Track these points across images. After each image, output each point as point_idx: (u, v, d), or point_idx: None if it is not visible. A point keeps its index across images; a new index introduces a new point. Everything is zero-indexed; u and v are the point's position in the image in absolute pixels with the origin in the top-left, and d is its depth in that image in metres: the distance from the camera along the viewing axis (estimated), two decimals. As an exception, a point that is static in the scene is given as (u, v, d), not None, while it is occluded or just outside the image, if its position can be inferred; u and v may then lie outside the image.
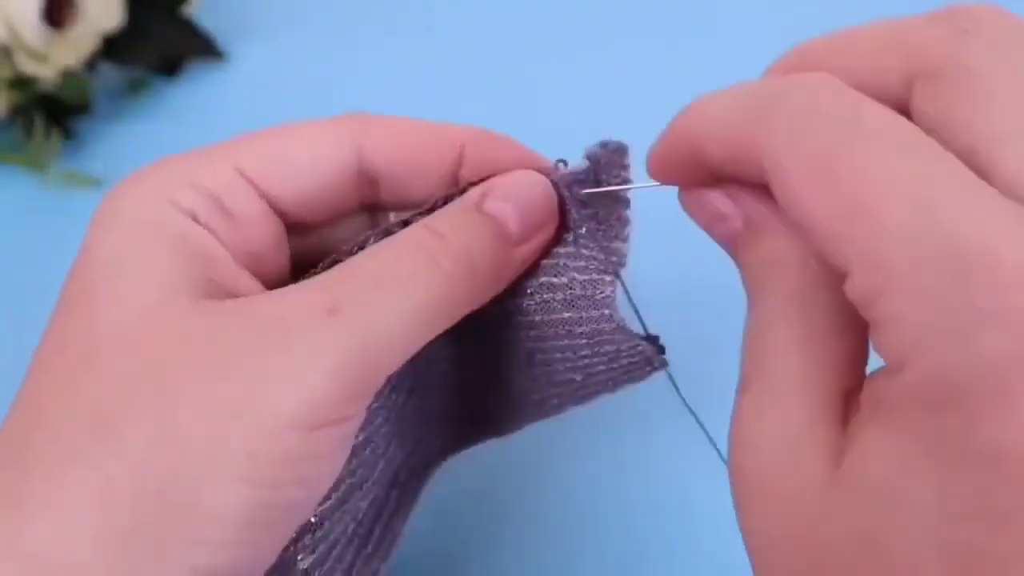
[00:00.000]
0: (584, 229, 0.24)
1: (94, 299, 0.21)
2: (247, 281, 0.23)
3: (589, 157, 0.24)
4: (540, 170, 0.24)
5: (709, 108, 0.20)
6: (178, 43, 0.49)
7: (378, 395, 0.23)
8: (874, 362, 0.18)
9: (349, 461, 0.23)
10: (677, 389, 0.25)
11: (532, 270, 0.24)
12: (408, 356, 0.21)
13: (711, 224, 0.22)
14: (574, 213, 0.24)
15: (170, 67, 0.49)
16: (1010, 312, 0.15)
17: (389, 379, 0.22)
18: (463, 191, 0.24)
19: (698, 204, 0.22)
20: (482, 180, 0.24)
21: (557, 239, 0.24)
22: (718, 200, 0.21)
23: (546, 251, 0.24)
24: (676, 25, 0.53)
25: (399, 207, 0.25)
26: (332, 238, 0.25)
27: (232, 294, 0.22)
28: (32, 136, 0.44)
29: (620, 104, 0.48)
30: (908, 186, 0.16)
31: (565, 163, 0.24)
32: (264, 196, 0.24)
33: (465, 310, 0.22)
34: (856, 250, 0.16)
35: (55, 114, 0.45)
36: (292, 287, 0.21)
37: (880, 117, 0.17)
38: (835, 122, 0.17)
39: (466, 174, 0.25)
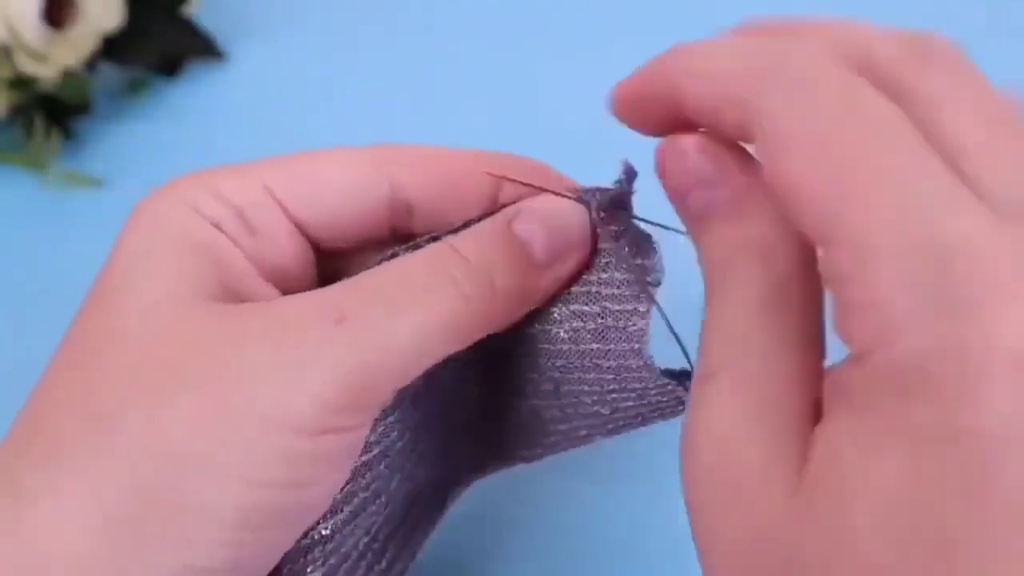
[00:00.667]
0: (616, 255, 0.23)
1: (110, 296, 0.22)
2: (265, 290, 0.23)
3: (623, 180, 0.23)
4: (573, 196, 0.23)
5: (700, 54, 0.20)
6: (178, 43, 0.49)
7: (393, 408, 0.23)
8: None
9: (363, 474, 0.23)
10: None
11: (563, 296, 0.24)
12: (418, 372, 0.21)
13: (688, 188, 0.20)
14: (608, 239, 0.23)
15: (170, 67, 0.49)
16: (990, 302, 0.15)
17: (401, 393, 0.22)
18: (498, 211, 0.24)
19: (680, 160, 0.20)
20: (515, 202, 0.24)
21: (587, 267, 0.24)
22: (705, 162, 0.20)
23: (575, 279, 0.24)
24: (675, 25, 0.53)
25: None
26: (365, 264, 0.25)
27: (249, 301, 0.22)
28: (32, 136, 0.44)
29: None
30: (900, 175, 0.16)
31: (599, 190, 0.23)
32: (291, 216, 0.24)
33: (481, 332, 0.22)
34: (842, 229, 0.16)
35: (55, 114, 0.45)
36: (304, 294, 0.21)
37: (877, 103, 0.17)
38: (836, 101, 0.17)
39: (506, 200, 0.24)
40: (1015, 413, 0.14)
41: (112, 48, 0.46)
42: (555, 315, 0.24)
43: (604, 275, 0.23)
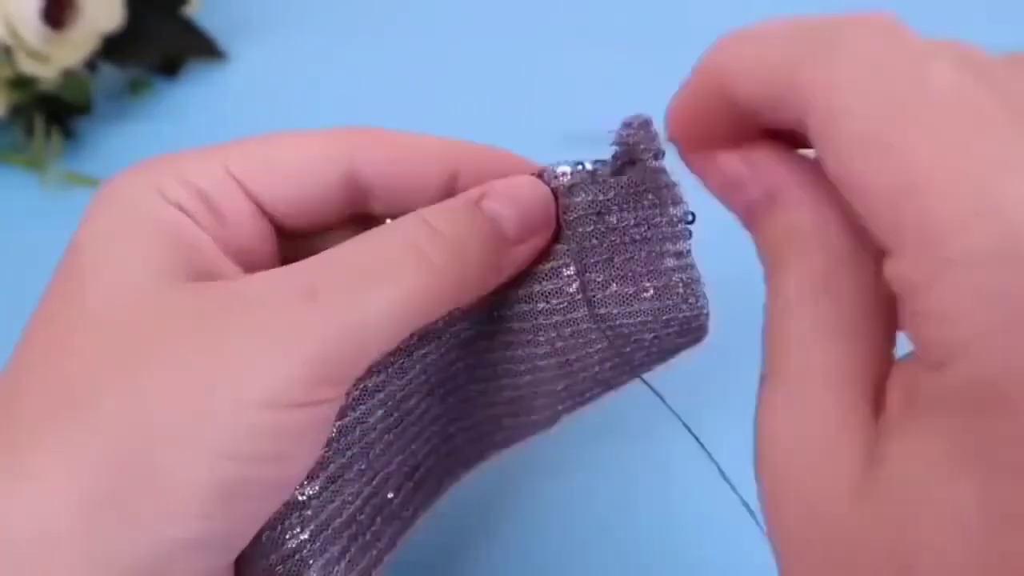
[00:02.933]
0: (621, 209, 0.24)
1: (77, 278, 0.22)
2: (233, 271, 0.23)
3: (618, 143, 0.24)
4: (537, 175, 0.24)
5: (746, 42, 0.18)
6: (178, 43, 0.49)
7: (369, 378, 0.23)
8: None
9: (337, 440, 0.23)
10: (667, 405, 0.25)
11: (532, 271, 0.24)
12: (391, 345, 0.21)
13: (726, 192, 0.20)
14: (590, 198, 0.24)
15: (170, 67, 0.50)
16: None
17: (377, 366, 0.22)
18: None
19: (711, 168, 0.21)
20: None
21: (550, 245, 0.24)
22: (734, 164, 0.20)
23: (542, 256, 0.24)
24: (676, 26, 0.53)
25: (392, 216, 0.25)
26: (325, 246, 0.26)
27: (216, 280, 0.22)
28: (32, 136, 0.44)
29: (621, 102, 0.48)
30: (978, 168, 0.15)
31: (583, 165, 0.24)
32: (252, 197, 0.24)
33: (451, 305, 0.22)
34: (911, 231, 0.15)
35: (55, 114, 0.45)
36: (274, 270, 0.21)
37: (949, 79, 0.15)
38: (902, 80, 0.16)
39: (465, 186, 0.24)
40: None
41: (112, 48, 0.46)
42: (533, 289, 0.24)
43: (568, 246, 0.24)
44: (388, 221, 0.25)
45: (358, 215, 0.25)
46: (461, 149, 0.25)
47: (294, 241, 0.25)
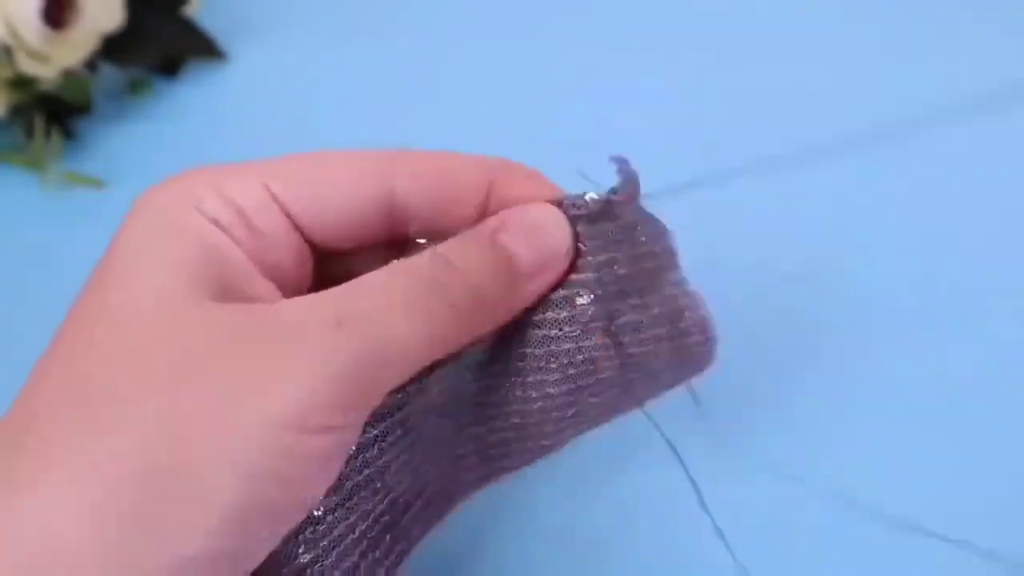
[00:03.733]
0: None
1: (107, 289, 0.22)
2: (264, 288, 0.23)
3: (623, 176, 0.25)
4: (557, 204, 0.24)
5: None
6: (178, 43, 0.49)
7: (390, 396, 0.23)
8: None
9: (355, 458, 0.23)
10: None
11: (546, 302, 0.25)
12: (408, 376, 0.22)
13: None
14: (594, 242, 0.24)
15: (170, 67, 0.50)
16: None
17: (399, 397, 0.22)
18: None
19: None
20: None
21: (568, 274, 0.24)
22: None
23: (558, 284, 0.25)
24: (675, 26, 0.53)
25: (430, 238, 0.26)
26: (360, 267, 0.26)
27: (247, 299, 0.22)
28: (32, 136, 0.44)
29: (620, 102, 0.48)
30: None
31: (596, 194, 0.24)
32: (291, 218, 0.24)
33: (468, 339, 0.23)
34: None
35: (55, 114, 0.45)
36: (304, 297, 0.22)
37: None
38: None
39: (493, 209, 0.25)
40: None
41: (112, 48, 0.46)
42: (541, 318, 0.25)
43: (589, 275, 0.24)
44: (420, 241, 0.26)
45: (396, 236, 0.26)
46: (495, 168, 0.25)
47: (329, 259, 0.25)
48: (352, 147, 0.26)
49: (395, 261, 0.23)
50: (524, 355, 0.26)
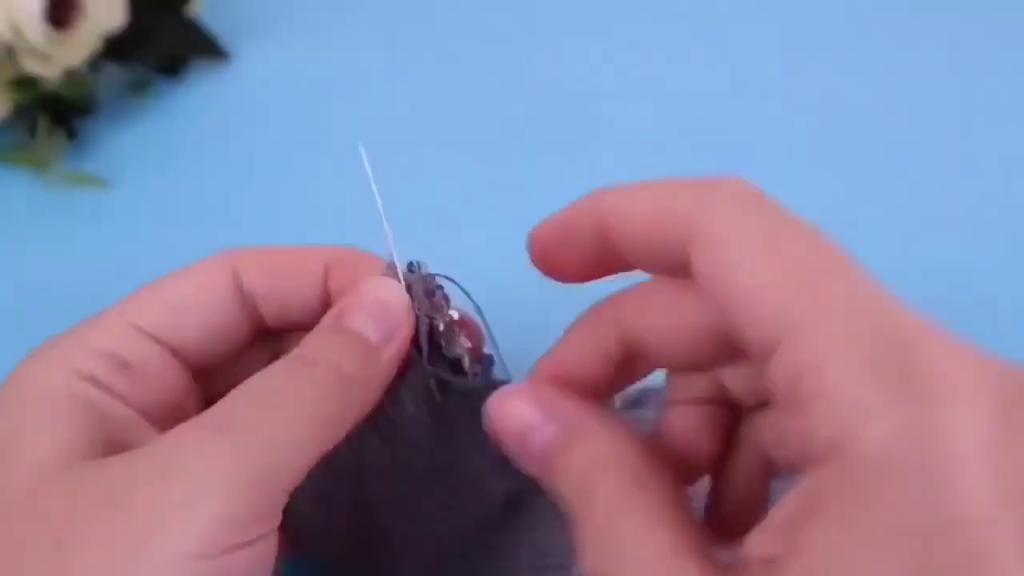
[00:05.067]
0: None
1: None
2: (148, 433, 0.24)
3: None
4: (391, 273, 0.26)
5: (628, 191, 0.21)
6: (181, 43, 0.49)
7: None
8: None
9: None
10: None
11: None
12: (303, 472, 0.22)
13: (522, 439, 0.22)
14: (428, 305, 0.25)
15: (173, 67, 0.50)
16: (950, 384, 0.16)
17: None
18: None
19: (506, 417, 0.22)
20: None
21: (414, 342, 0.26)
22: (526, 408, 0.22)
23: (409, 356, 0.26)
24: (674, 24, 0.53)
25: (285, 328, 0.27)
26: (238, 376, 0.26)
27: (133, 447, 0.22)
28: (35, 136, 0.44)
29: (621, 100, 0.48)
30: (845, 269, 0.18)
31: (419, 264, 0.26)
32: (158, 341, 0.25)
33: (352, 419, 0.24)
34: (799, 321, 0.17)
35: (58, 114, 0.45)
36: (180, 426, 0.22)
37: (807, 221, 0.19)
38: (773, 207, 0.19)
39: (334, 287, 0.26)
40: (993, 495, 0.15)
41: (115, 48, 0.46)
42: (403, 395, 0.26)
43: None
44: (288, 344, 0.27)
45: (259, 333, 0.27)
46: (328, 254, 0.27)
47: (209, 379, 0.26)
48: (352, 148, 0.26)
49: (264, 369, 0.23)
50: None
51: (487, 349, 0.28)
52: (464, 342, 0.26)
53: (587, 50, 0.51)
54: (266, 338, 0.27)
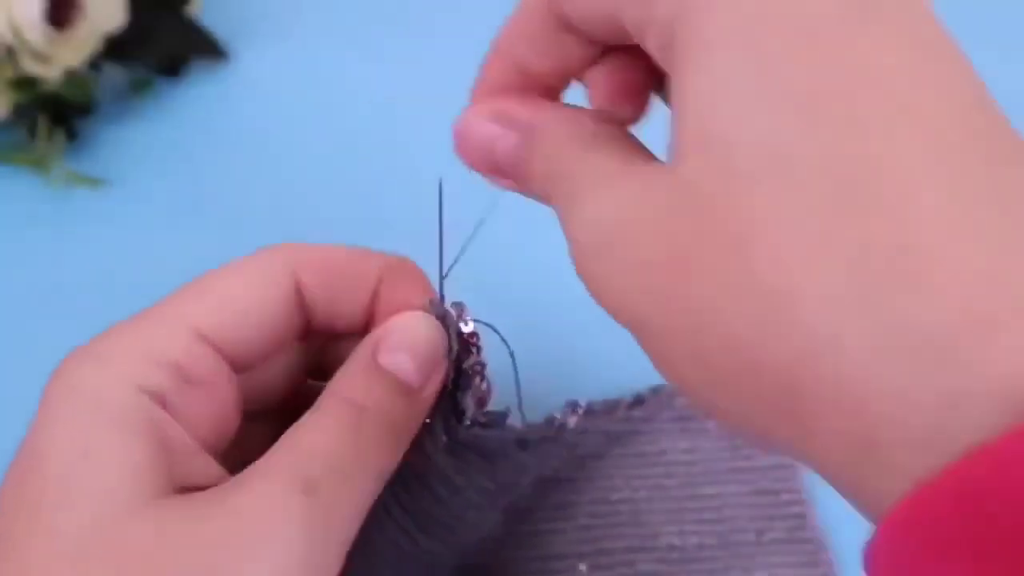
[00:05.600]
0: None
1: (41, 498, 0.20)
2: (203, 463, 0.22)
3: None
4: (434, 311, 0.25)
5: None
6: (181, 43, 0.49)
7: None
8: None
9: None
10: None
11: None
12: (360, 522, 0.22)
13: (490, 155, 0.23)
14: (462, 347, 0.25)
15: (173, 67, 0.50)
16: None
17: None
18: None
19: (469, 136, 0.23)
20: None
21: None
22: (485, 124, 0.23)
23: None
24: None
25: (327, 332, 0.26)
26: (270, 371, 0.26)
27: (190, 480, 0.21)
28: (35, 136, 0.44)
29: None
30: None
31: (462, 305, 0.26)
32: (220, 350, 0.23)
33: (393, 466, 0.23)
34: None
35: (58, 114, 0.45)
36: (254, 473, 0.21)
37: None
38: None
39: (383, 301, 0.25)
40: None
41: (115, 48, 0.46)
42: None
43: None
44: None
45: (299, 334, 0.26)
46: (384, 263, 0.26)
47: (243, 372, 0.25)
48: (352, 147, 0.26)
49: (310, 415, 0.23)
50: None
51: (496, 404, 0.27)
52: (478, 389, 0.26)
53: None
54: (305, 334, 0.26)
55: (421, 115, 0.48)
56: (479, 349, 0.25)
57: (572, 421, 0.28)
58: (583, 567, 0.30)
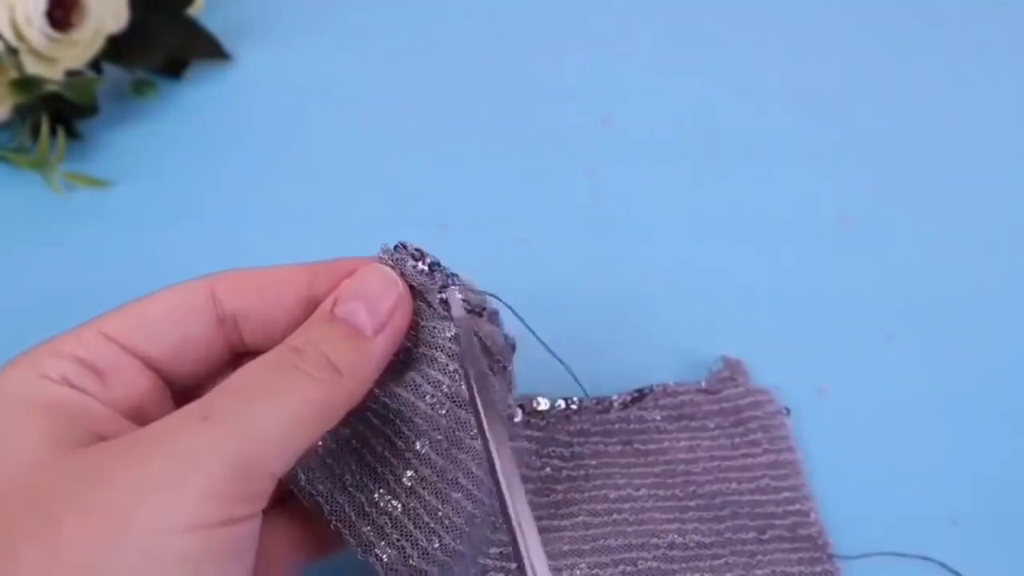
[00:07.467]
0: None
1: None
2: (127, 427, 0.24)
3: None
4: (386, 260, 0.26)
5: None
6: (183, 44, 0.50)
7: None
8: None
9: None
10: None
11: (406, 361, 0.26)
12: (292, 458, 0.23)
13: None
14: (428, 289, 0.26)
15: (175, 68, 0.50)
16: None
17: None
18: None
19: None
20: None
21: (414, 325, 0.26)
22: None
23: (408, 336, 0.26)
24: (673, 26, 0.53)
25: (272, 346, 0.26)
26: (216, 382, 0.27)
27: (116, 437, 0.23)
28: (38, 137, 0.44)
29: (625, 97, 0.48)
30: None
31: (405, 245, 0.26)
32: (132, 351, 0.25)
33: (343, 408, 0.24)
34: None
35: (61, 115, 0.45)
36: (168, 415, 0.23)
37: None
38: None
39: (319, 293, 0.26)
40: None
41: (117, 49, 0.47)
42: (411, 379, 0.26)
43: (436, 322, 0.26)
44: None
45: (238, 353, 0.27)
46: (312, 271, 0.27)
47: (187, 393, 0.26)
48: (352, 146, 0.26)
49: (251, 362, 0.24)
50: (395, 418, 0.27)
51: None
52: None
53: (587, 54, 0.52)
54: (245, 353, 0.27)
55: (421, 115, 0.48)
56: (450, 276, 0.26)
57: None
58: (583, 566, 0.30)
